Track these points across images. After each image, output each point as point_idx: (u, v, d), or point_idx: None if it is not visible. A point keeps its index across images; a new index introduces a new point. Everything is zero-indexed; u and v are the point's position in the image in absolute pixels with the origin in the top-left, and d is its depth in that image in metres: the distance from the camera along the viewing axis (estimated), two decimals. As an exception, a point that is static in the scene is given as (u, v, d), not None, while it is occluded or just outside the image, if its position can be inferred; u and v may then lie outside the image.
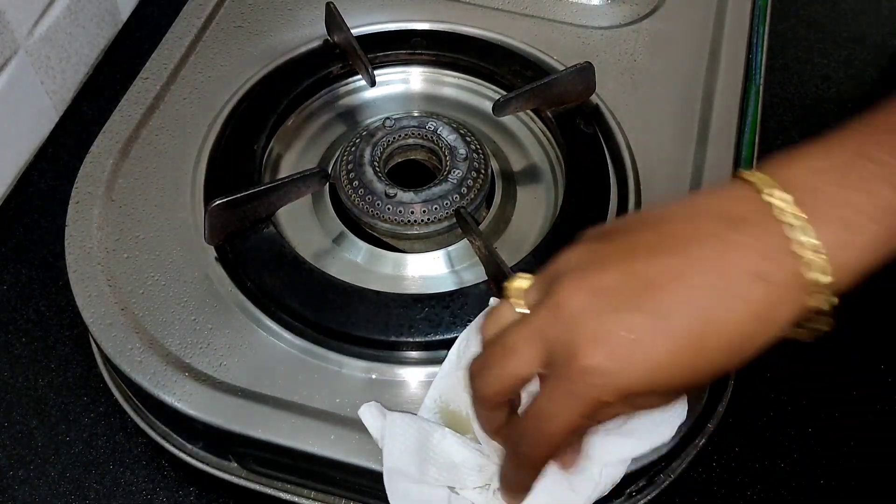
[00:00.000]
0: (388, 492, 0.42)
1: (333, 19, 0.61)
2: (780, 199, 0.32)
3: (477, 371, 0.36)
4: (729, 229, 0.32)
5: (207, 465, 0.50)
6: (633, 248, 0.33)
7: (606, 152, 0.57)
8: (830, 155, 0.33)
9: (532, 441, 0.34)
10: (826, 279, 0.31)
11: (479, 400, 0.36)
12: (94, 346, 0.54)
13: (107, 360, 0.52)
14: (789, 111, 0.71)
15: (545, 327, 0.33)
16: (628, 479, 0.45)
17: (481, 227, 0.55)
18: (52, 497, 0.51)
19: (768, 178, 0.33)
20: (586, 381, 0.32)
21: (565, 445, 0.36)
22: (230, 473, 0.50)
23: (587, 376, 0.32)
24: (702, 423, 0.49)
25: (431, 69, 0.64)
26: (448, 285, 0.53)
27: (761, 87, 0.66)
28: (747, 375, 0.56)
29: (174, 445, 0.51)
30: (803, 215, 0.31)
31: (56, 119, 0.67)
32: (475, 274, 0.53)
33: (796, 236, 0.31)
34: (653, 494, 0.49)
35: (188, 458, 0.51)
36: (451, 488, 0.42)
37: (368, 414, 0.44)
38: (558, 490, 0.40)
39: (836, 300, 0.32)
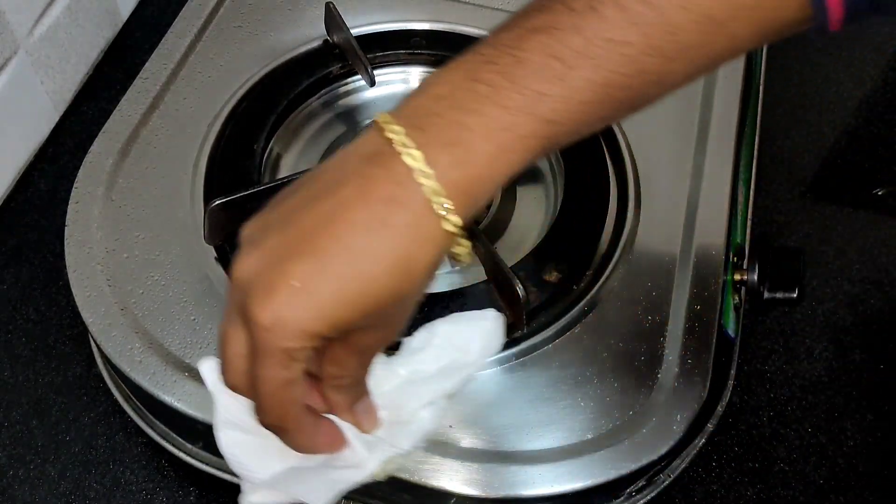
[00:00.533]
0: (219, 442, 0.41)
1: (333, 19, 0.61)
2: (392, 132, 0.34)
3: (220, 367, 0.38)
4: (368, 165, 0.35)
5: (207, 465, 0.50)
6: (293, 206, 0.35)
7: (606, 152, 0.57)
8: (449, 80, 0.35)
9: (262, 410, 0.36)
10: (441, 199, 0.33)
11: (234, 390, 0.38)
12: (94, 346, 0.54)
13: (107, 360, 0.52)
14: (789, 111, 0.71)
15: (232, 302, 0.35)
16: (628, 480, 0.45)
17: (481, 227, 0.55)
18: (52, 497, 0.51)
19: (387, 115, 0.35)
20: (266, 336, 0.34)
21: (296, 401, 0.37)
22: (230, 473, 0.50)
23: (264, 331, 0.33)
24: (702, 423, 0.49)
25: (431, 69, 0.64)
26: (448, 285, 0.53)
27: (761, 87, 0.66)
28: (747, 375, 0.56)
29: (174, 445, 0.51)
30: (412, 143, 0.34)
31: (56, 119, 0.67)
32: (475, 274, 0.53)
33: (410, 163, 0.33)
34: (653, 494, 0.49)
35: (188, 458, 0.51)
36: None
37: (207, 368, 0.44)
38: (379, 448, 0.41)
39: (458, 220, 0.34)
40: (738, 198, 0.56)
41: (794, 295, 0.52)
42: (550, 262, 0.51)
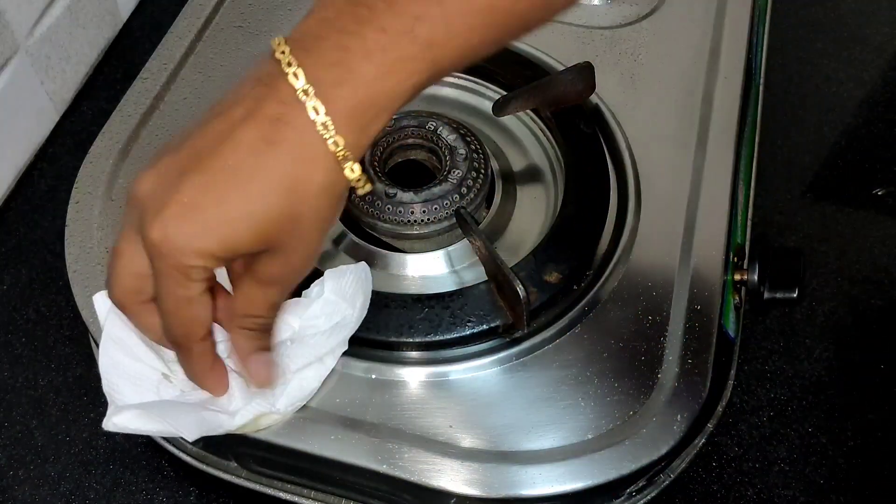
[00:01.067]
0: (100, 359, 0.42)
1: (333, 19, 0.61)
2: (280, 53, 0.35)
3: (106, 282, 0.39)
4: (258, 86, 0.36)
5: (207, 465, 0.50)
6: (191, 129, 0.37)
7: (606, 152, 0.57)
8: (333, 3, 0.36)
9: (166, 326, 0.38)
10: (324, 118, 0.34)
11: (117, 305, 0.39)
12: (94, 346, 0.54)
13: (107, 360, 0.52)
14: (789, 111, 0.71)
15: (129, 221, 0.37)
16: (628, 480, 0.45)
17: (481, 227, 0.55)
18: (52, 497, 0.51)
19: (280, 38, 0.36)
20: (163, 253, 0.35)
21: (197, 319, 0.38)
22: (230, 473, 0.50)
23: (156, 248, 0.35)
24: (702, 423, 0.49)
25: (431, 69, 0.64)
26: (448, 285, 0.53)
27: (761, 87, 0.66)
28: (747, 375, 0.57)
29: (174, 445, 0.51)
30: (296, 63, 0.35)
31: (56, 119, 0.67)
32: (475, 274, 0.53)
33: (294, 83, 0.34)
34: (653, 494, 0.49)
35: (188, 458, 0.51)
36: (166, 376, 0.43)
37: (101, 298, 0.44)
38: (256, 402, 0.42)
39: (342, 141, 0.35)
40: (738, 198, 0.56)
41: (794, 295, 0.52)
42: (550, 263, 0.51)
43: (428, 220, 0.53)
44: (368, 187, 0.38)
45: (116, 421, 0.42)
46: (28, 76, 0.63)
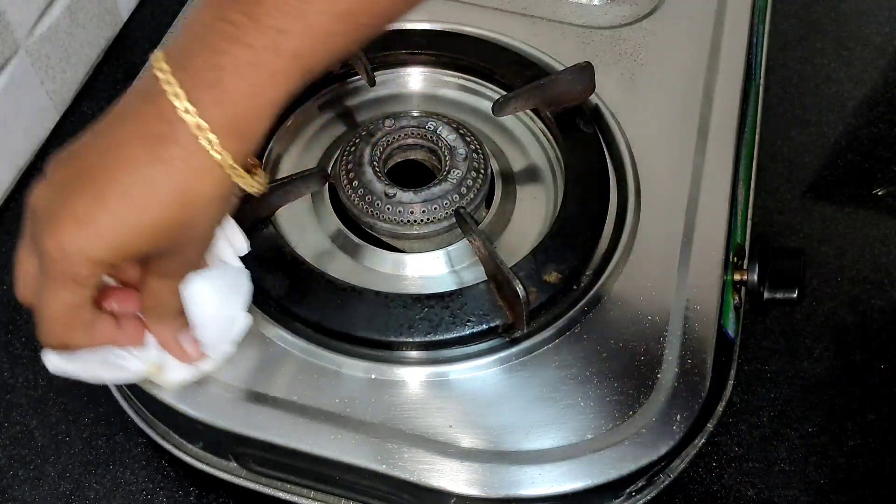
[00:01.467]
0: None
1: (333, 19, 0.61)
2: (160, 71, 0.36)
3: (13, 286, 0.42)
4: (142, 103, 0.37)
5: (207, 465, 0.50)
6: (83, 141, 0.38)
7: (606, 152, 0.57)
8: (201, 20, 0.37)
9: (43, 332, 0.40)
10: (206, 134, 0.36)
11: (24, 304, 0.41)
12: (93, 346, 0.54)
13: (107, 360, 0.52)
14: (789, 111, 0.71)
15: (26, 227, 0.39)
16: (628, 480, 0.45)
17: (481, 227, 0.55)
18: (52, 497, 0.51)
19: (160, 52, 0.37)
20: (53, 264, 0.37)
21: (82, 324, 0.40)
22: (230, 473, 0.50)
23: (51, 260, 0.37)
24: (702, 423, 0.49)
25: (431, 69, 0.64)
26: (448, 285, 0.53)
27: (761, 87, 0.66)
28: (747, 375, 0.57)
29: (174, 445, 0.51)
30: (175, 82, 0.36)
31: (56, 119, 0.67)
32: (475, 274, 0.53)
33: (175, 102, 0.36)
34: (653, 494, 0.49)
35: (188, 458, 0.51)
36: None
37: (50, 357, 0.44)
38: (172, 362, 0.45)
39: (227, 154, 0.36)
40: (738, 198, 0.56)
41: (794, 295, 0.52)
42: (550, 263, 0.51)
43: (427, 220, 0.53)
44: (259, 187, 0.39)
45: (53, 360, 0.44)
46: (28, 76, 0.63)
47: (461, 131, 0.57)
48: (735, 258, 0.53)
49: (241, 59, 0.36)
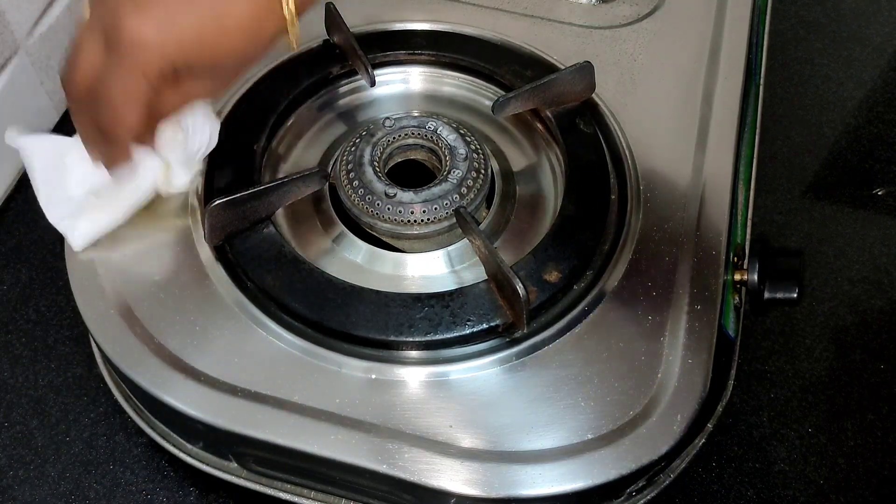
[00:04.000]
0: (42, 202, 0.48)
1: (333, 19, 0.61)
2: None
3: (62, 73, 0.43)
4: None
5: (207, 465, 0.50)
6: None
7: (606, 152, 0.57)
8: None
9: (107, 113, 0.41)
10: None
11: (69, 96, 0.43)
12: (94, 346, 0.54)
13: (107, 360, 0.52)
14: (789, 111, 0.71)
15: (97, 17, 0.40)
16: (628, 480, 0.45)
17: (481, 227, 0.55)
18: (52, 497, 0.51)
19: None
20: (134, 52, 0.38)
21: (136, 116, 0.42)
22: (230, 473, 0.50)
23: (133, 48, 0.38)
24: (702, 423, 0.49)
25: (431, 69, 0.64)
26: (448, 285, 0.53)
27: (761, 87, 0.66)
28: (747, 375, 0.57)
29: (174, 445, 0.51)
30: None
31: (56, 119, 0.67)
32: (475, 274, 0.53)
33: None
34: (653, 494, 0.49)
35: (188, 458, 0.51)
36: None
37: (14, 135, 0.49)
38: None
39: (293, 6, 0.40)
40: (738, 198, 0.56)
41: (794, 295, 0.52)
42: (550, 262, 0.51)
43: (428, 219, 0.53)
44: (296, 45, 0.43)
45: (79, 237, 0.47)
46: (28, 76, 0.63)
47: (461, 131, 0.57)
48: (735, 258, 0.53)
49: None
